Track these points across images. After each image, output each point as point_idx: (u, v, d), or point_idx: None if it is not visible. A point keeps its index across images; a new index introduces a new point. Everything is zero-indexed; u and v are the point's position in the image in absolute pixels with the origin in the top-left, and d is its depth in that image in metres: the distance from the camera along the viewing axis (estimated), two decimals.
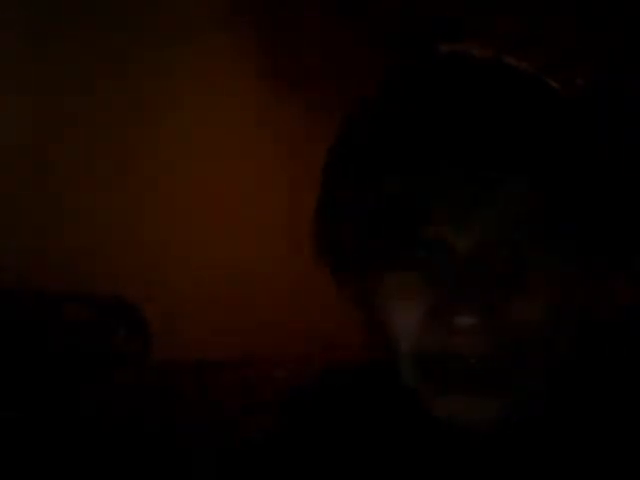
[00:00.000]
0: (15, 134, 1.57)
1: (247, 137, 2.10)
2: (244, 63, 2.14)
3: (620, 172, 0.51)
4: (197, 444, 1.27)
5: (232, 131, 2.07)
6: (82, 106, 1.70)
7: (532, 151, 0.47)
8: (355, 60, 2.35)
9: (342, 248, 0.53)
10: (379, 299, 0.51)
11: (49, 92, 1.64)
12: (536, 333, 0.48)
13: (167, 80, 1.89)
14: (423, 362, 0.49)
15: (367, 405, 0.60)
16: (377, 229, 0.49)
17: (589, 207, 0.49)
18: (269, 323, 1.99)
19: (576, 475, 0.51)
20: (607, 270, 0.52)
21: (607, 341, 0.54)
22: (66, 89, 1.67)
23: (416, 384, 0.50)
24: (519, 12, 2.03)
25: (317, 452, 0.60)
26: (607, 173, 0.50)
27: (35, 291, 1.26)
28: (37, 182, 1.60)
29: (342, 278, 0.56)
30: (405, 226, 0.48)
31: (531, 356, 0.48)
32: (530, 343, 0.48)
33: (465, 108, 0.48)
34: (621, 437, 0.51)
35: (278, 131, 2.19)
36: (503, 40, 0.54)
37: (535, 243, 0.48)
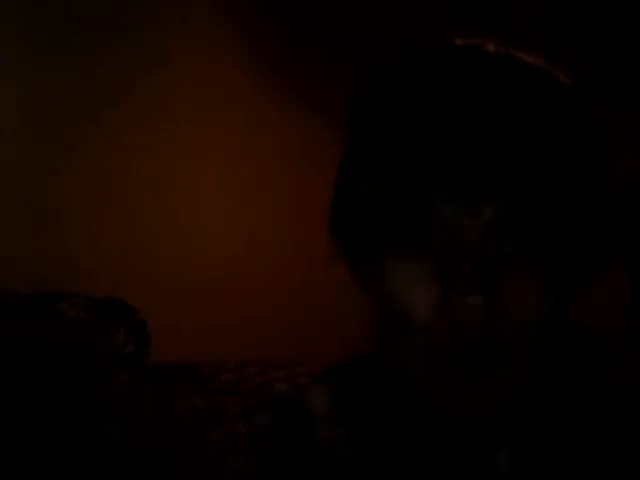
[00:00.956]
0: (15, 133, 1.57)
1: (247, 137, 2.10)
2: (245, 64, 2.14)
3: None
4: (197, 444, 1.27)
5: (232, 132, 2.07)
6: (82, 106, 1.70)
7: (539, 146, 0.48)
8: (355, 60, 2.34)
9: (356, 232, 0.53)
10: (392, 290, 0.51)
11: (49, 93, 1.64)
12: (529, 330, 0.49)
13: (167, 81, 1.89)
14: (431, 348, 0.50)
15: (370, 403, 0.60)
16: (390, 215, 0.50)
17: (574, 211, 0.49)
18: (269, 323, 1.99)
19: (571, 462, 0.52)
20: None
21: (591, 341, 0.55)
22: (66, 90, 1.67)
23: (419, 372, 0.51)
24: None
25: (319, 452, 0.61)
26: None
27: (34, 291, 1.26)
28: (37, 182, 1.60)
29: (355, 262, 0.56)
30: (415, 211, 0.49)
31: (522, 351, 0.49)
32: (522, 338, 0.49)
33: (476, 100, 0.49)
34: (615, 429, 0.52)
35: (278, 131, 2.19)
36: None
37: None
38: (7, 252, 1.47)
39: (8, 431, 1.07)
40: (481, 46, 0.53)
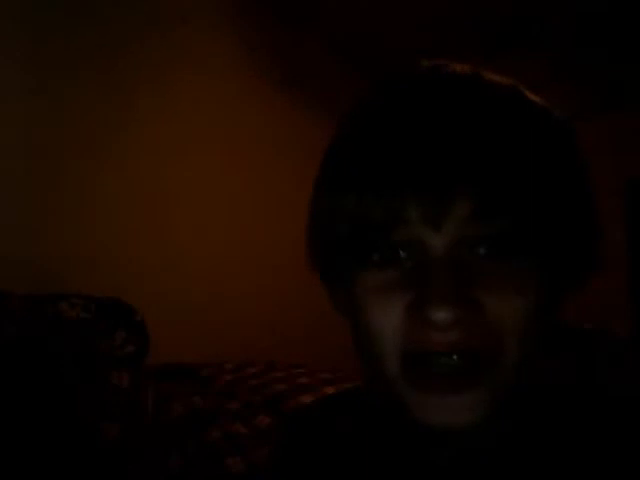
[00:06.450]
0: (16, 136, 1.57)
1: (247, 137, 2.10)
2: (245, 64, 2.14)
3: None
4: (197, 444, 1.27)
5: (232, 131, 2.07)
6: (82, 108, 1.70)
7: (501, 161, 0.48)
8: (356, 60, 2.35)
9: (328, 254, 0.54)
10: (362, 301, 0.51)
11: (49, 96, 1.64)
12: (510, 331, 0.48)
13: (167, 81, 1.89)
14: (406, 360, 0.49)
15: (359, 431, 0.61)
16: (356, 233, 0.50)
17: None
18: (268, 324, 2.00)
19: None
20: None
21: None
22: (66, 93, 1.67)
23: (399, 384, 0.50)
24: None
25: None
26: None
27: (34, 291, 1.26)
28: (37, 186, 1.60)
29: (331, 284, 0.57)
30: (381, 228, 0.49)
31: (505, 354, 0.48)
32: (504, 340, 0.48)
33: (443, 118, 0.49)
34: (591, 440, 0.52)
35: (279, 131, 2.20)
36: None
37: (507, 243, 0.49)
38: (7, 252, 1.48)
39: (8, 431, 1.07)
40: (446, 65, 0.53)
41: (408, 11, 2.11)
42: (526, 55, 2.26)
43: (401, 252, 0.50)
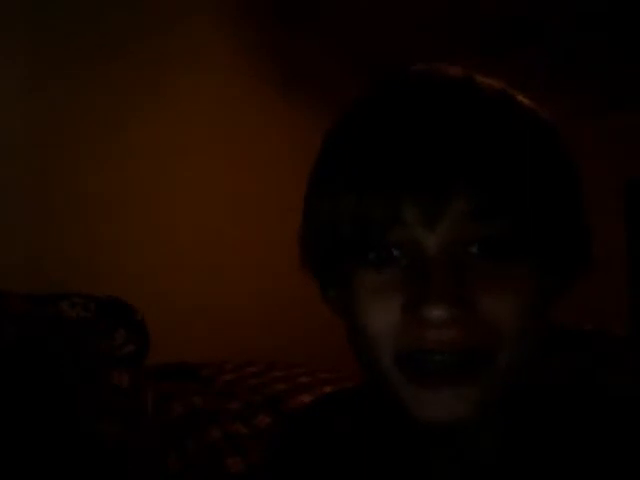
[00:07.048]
0: (16, 136, 1.57)
1: (249, 138, 2.10)
2: (242, 64, 2.14)
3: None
4: (197, 444, 1.27)
5: (233, 132, 2.07)
6: (82, 108, 1.70)
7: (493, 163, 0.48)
8: (357, 61, 2.35)
9: (323, 254, 0.54)
10: (359, 301, 0.51)
11: (49, 96, 1.64)
12: (505, 330, 0.48)
13: (165, 82, 1.89)
14: (402, 359, 0.50)
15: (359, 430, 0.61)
16: (352, 233, 0.50)
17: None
18: (268, 324, 1.99)
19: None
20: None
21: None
22: (66, 93, 1.67)
23: (395, 381, 0.50)
24: None
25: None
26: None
27: (34, 291, 1.26)
28: (37, 186, 1.60)
29: (325, 284, 0.57)
30: (378, 228, 0.49)
31: (501, 353, 0.49)
32: (500, 339, 0.48)
33: (439, 120, 0.49)
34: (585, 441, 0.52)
35: (281, 133, 2.20)
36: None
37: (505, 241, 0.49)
38: (7, 252, 1.48)
39: (8, 431, 1.07)
40: (440, 68, 0.54)
41: (408, 11, 2.11)
42: (526, 55, 2.26)
43: (395, 251, 0.50)
